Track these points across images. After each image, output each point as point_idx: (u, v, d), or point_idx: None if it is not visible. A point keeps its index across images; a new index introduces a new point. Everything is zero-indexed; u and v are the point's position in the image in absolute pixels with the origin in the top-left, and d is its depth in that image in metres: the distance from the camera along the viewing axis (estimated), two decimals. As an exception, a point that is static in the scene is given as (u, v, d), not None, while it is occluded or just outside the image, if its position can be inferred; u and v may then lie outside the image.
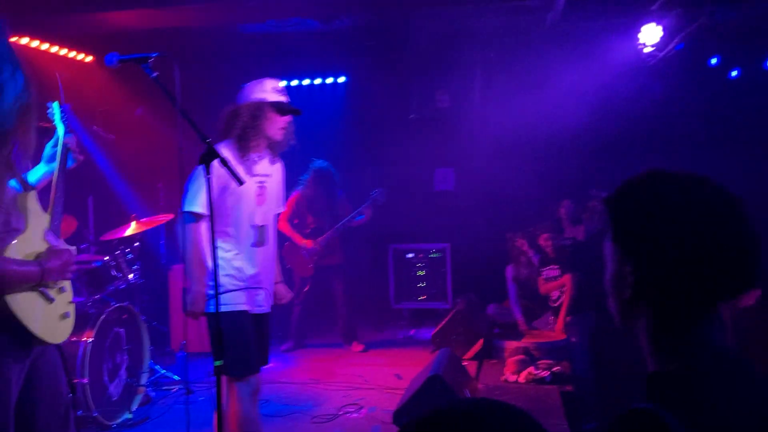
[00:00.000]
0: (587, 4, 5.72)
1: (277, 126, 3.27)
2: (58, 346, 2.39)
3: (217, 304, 2.53)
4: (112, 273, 4.77)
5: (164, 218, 5.38)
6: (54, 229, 2.36)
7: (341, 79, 7.76)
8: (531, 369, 5.02)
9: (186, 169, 2.88)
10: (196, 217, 3.10)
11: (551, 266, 6.12)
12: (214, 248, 2.47)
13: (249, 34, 6.53)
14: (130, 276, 4.96)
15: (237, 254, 3.19)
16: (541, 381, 4.92)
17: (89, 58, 6.35)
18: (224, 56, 7.04)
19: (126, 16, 5.41)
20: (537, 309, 6.29)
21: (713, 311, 1.15)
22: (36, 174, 2.48)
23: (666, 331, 1.16)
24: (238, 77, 8.19)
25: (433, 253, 7.15)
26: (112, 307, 4.45)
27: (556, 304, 6.09)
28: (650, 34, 5.87)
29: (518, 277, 6.32)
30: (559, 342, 5.63)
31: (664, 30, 5.78)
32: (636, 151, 6.71)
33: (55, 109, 2.55)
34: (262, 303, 3.30)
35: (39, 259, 2.21)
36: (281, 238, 6.56)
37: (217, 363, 2.55)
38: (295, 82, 7.83)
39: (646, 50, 6.09)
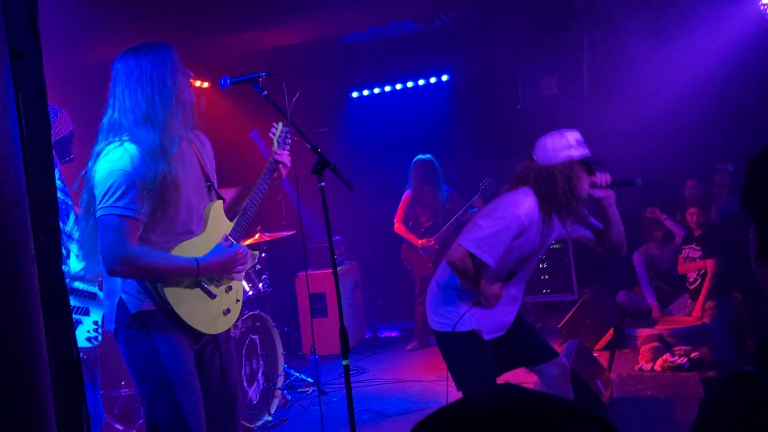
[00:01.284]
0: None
1: (586, 185, 2.98)
2: (226, 339, 2.67)
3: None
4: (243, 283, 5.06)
5: (287, 233, 5.65)
6: (235, 235, 2.63)
7: (444, 77, 7.78)
8: (667, 356, 4.81)
9: (300, 181, 2.98)
10: (472, 257, 2.93)
11: (693, 245, 5.76)
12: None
13: (350, 44, 6.70)
14: (260, 285, 5.25)
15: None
16: (679, 368, 4.69)
17: (206, 84, 6.76)
18: (329, 68, 7.26)
19: (239, 39, 5.72)
20: (671, 291, 6.00)
21: None
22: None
23: None
24: (346, 86, 8.44)
25: (554, 244, 6.98)
26: (246, 315, 4.69)
27: (692, 287, 5.75)
28: (773, -8, 5.45)
29: (649, 258, 6.05)
30: (696, 327, 5.34)
31: (788, -15, 5.35)
32: (764, 120, 6.22)
33: (278, 128, 2.86)
34: (493, 331, 3.15)
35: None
36: (400, 240, 6.71)
37: (345, 362, 2.67)
38: (399, 86, 7.93)
39: (771, 9, 5.66)
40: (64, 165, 3.22)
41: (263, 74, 2.76)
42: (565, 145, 2.96)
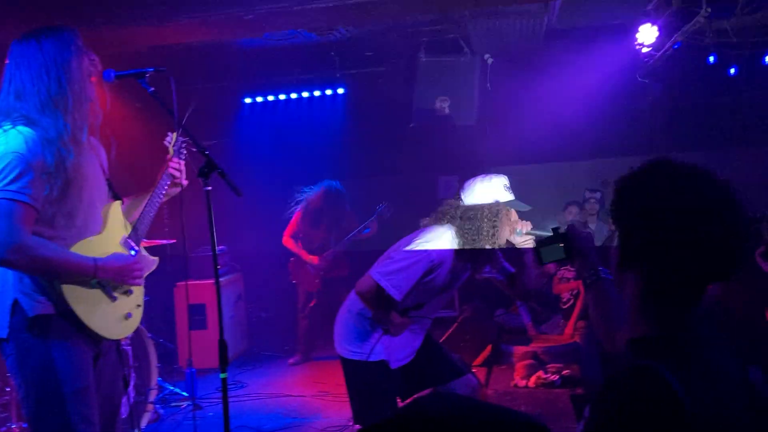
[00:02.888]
0: (583, 6, 5.72)
1: (509, 230, 2.98)
2: (117, 348, 2.56)
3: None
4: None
5: (166, 242, 5.36)
6: (135, 239, 2.58)
7: (340, 90, 7.77)
8: (540, 373, 5.00)
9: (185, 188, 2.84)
10: (380, 289, 2.90)
11: (568, 267, 6.02)
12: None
13: (246, 48, 6.56)
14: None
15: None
16: (551, 385, 4.89)
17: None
18: (225, 71, 7.07)
19: (127, 33, 5.43)
20: (545, 312, 6.25)
21: (696, 287, 1.26)
22: None
23: (648, 300, 1.27)
24: (239, 91, 8.24)
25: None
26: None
27: (565, 306, 6.02)
28: (647, 34, 5.85)
29: None
30: (568, 345, 5.59)
31: (659, 30, 5.77)
32: (638, 151, 6.68)
33: (174, 137, 2.73)
34: (401, 359, 3.13)
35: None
36: (286, 254, 6.58)
37: (222, 375, 2.56)
38: (294, 95, 7.84)
39: (644, 50, 6.07)
40: None
41: (151, 69, 2.64)
42: (493, 188, 2.98)
